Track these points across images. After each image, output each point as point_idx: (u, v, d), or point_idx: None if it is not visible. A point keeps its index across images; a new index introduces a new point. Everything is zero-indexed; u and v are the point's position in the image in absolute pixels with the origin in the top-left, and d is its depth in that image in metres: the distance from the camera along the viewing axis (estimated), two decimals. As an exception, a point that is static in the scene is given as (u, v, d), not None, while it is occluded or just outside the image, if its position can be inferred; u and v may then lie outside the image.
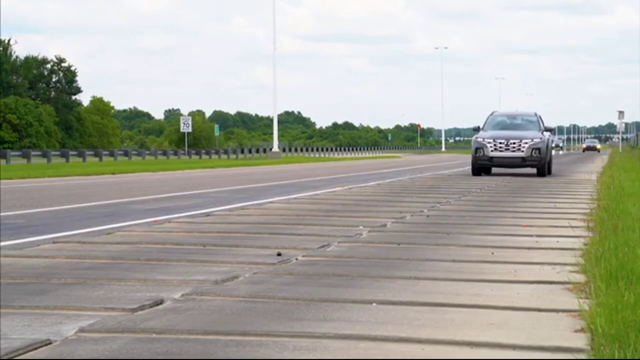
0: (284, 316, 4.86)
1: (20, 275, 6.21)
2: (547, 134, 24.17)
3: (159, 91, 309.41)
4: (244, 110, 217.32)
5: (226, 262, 6.91)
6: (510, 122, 25.05)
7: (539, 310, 5.09)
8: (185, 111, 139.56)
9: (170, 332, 4.45)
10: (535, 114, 25.53)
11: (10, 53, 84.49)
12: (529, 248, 7.97)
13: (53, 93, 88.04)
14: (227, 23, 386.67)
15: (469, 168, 26.10)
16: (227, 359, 3.99)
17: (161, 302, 5.23)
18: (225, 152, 68.62)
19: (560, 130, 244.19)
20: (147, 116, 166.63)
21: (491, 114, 25.64)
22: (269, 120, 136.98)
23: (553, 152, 30.06)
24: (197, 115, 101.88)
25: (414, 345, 4.27)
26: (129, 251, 7.59)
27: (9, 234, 9.08)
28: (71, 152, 54.63)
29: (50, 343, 4.22)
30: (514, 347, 4.25)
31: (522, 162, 23.28)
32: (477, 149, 23.58)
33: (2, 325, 4.56)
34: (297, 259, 7.15)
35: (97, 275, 6.22)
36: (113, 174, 29.02)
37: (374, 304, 5.22)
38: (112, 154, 57.70)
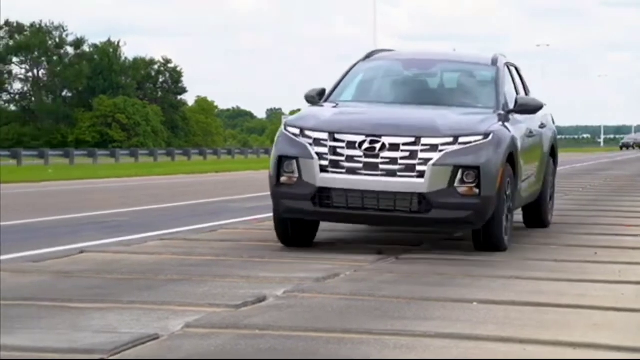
0: (384, 314, 4.89)
1: (129, 271, 6.39)
2: (521, 118, 8.34)
3: (261, 91, 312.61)
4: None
5: (327, 260, 6.97)
6: (417, 82, 8.91)
7: (645, 311, 5.00)
8: (286, 110, 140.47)
9: (273, 329, 4.52)
10: (495, 61, 8.68)
11: (120, 55, 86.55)
12: (633, 248, 7.81)
13: (160, 93, 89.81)
14: (327, 23, 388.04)
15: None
16: (329, 358, 4.04)
17: (264, 299, 5.31)
18: (327, 150, 68.86)
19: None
20: (249, 115, 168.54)
21: (368, 55, 9.01)
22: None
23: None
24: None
25: (516, 345, 4.24)
26: (232, 248, 7.72)
27: (118, 231, 9.34)
28: (177, 151, 55.76)
29: (157, 338, 4.33)
30: (618, 348, 4.19)
31: (420, 208, 7.19)
32: (280, 160, 7.52)
33: (112, 319, 4.71)
34: (397, 258, 7.16)
35: (201, 272, 6.35)
36: (217, 172, 29.48)
37: (475, 303, 5.21)
38: (215, 153, 58.67)
